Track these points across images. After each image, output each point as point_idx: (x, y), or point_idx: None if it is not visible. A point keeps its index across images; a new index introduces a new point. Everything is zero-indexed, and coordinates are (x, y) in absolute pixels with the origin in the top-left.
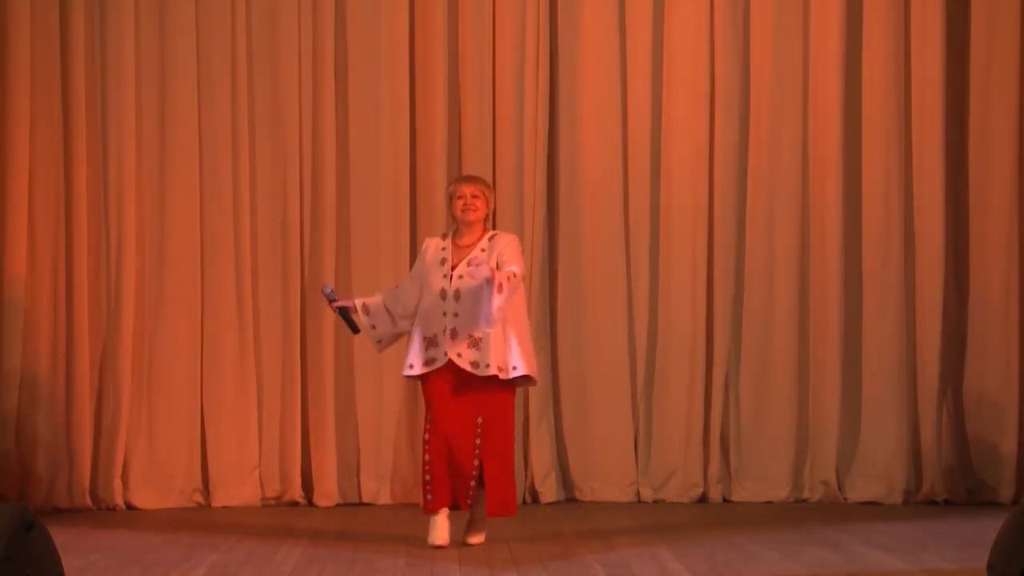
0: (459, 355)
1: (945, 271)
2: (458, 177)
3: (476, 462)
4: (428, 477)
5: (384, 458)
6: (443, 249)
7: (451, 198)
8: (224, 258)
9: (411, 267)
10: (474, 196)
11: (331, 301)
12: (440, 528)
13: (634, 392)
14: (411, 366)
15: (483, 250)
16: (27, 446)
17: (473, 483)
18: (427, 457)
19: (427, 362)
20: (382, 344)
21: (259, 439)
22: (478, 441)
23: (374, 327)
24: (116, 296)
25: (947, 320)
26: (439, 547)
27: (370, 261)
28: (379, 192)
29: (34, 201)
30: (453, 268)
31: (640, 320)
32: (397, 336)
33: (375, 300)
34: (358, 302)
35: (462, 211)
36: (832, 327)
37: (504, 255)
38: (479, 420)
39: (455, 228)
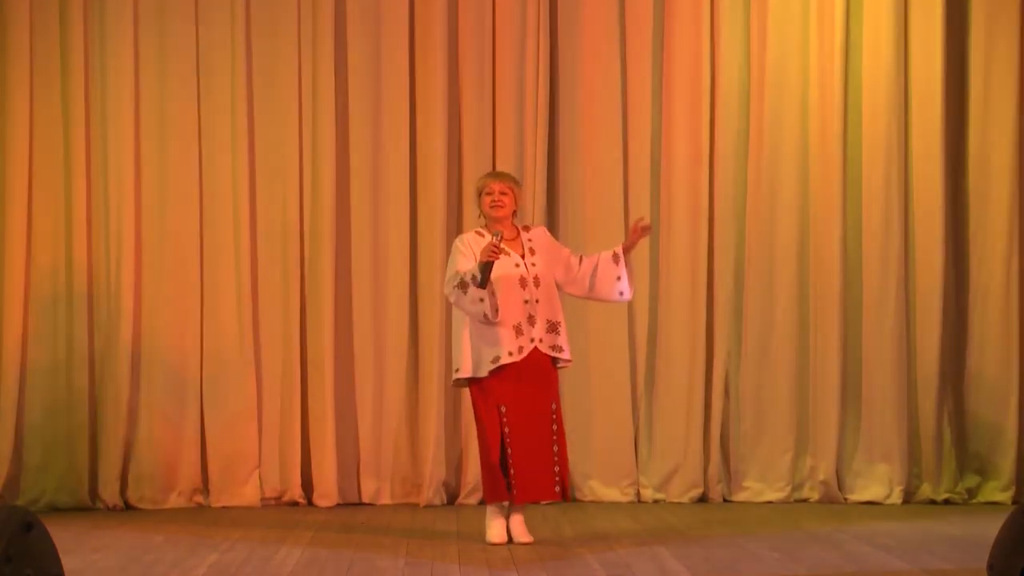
0: (541, 340)
1: (945, 271)
2: (487, 173)
3: (555, 448)
4: (513, 471)
5: (384, 458)
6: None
7: (480, 194)
8: (224, 258)
9: (412, 267)
10: (502, 193)
11: (497, 243)
12: (499, 524)
13: (634, 392)
14: (510, 353)
15: (529, 240)
16: (27, 445)
17: (558, 469)
18: (510, 451)
19: (518, 351)
20: (491, 313)
21: (259, 439)
22: (554, 427)
23: (493, 292)
24: (116, 296)
25: (947, 320)
26: (499, 544)
27: (370, 261)
28: (379, 192)
29: (34, 201)
30: (522, 257)
31: (640, 320)
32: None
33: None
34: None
35: (491, 207)
36: (832, 327)
37: (559, 248)
38: (552, 407)
39: (484, 224)
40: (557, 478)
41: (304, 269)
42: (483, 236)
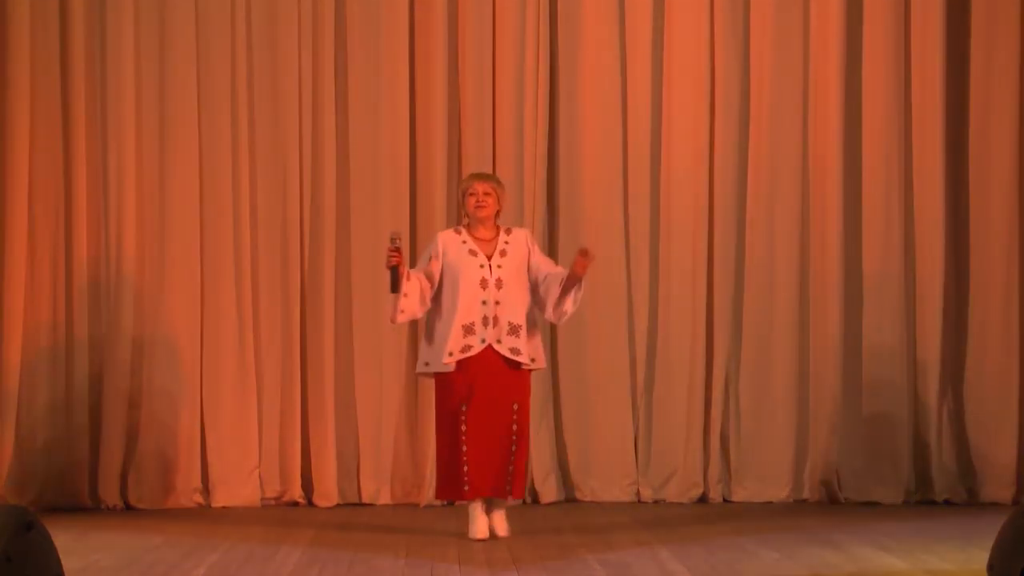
0: (499, 342)
1: (945, 271)
2: (471, 174)
3: (513, 448)
4: (467, 468)
5: (384, 458)
6: (464, 243)
7: (464, 195)
8: (224, 258)
9: (412, 267)
10: (486, 193)
11: (394, 249)
12: (482, 520)
13: (634, 392)
14: (450, 353)
15: (505, 242)
16: (27, 446)
17: (512, 468)
18: (465, 448)
19: (463, 349)
20: (404, 315)
21: (259, 439)
22: (515, 428)
23: (406, 295)
24: (116, 295)
25: (947, 320)
26: (482, 540)
27: (370, 261)
28: (379, 192)
29: (34, 201)
30: (489, 258)
31: (640, 320)
32: (414, 316)
33: (417, 274)
34: (407, 269)
35: (475, 207)
36: (832, 327)
37: (543, 259)
38: (515, 407)
39: (467, 223)
40: (509, 477)
41: (304, 269)
42: (460, 234)
